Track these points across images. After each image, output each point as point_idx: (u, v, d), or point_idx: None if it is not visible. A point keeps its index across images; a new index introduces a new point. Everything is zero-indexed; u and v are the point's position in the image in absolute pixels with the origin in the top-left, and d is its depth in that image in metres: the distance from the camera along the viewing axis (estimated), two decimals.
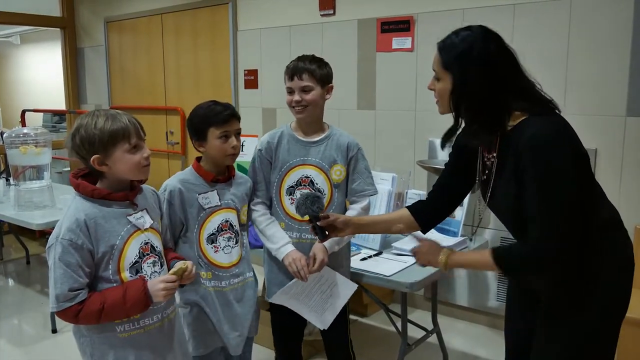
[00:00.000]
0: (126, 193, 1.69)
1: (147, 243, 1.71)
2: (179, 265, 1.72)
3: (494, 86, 1.51)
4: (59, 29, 5.98)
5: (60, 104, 6.37)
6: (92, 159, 1.61)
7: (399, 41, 3.59)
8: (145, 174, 1.70)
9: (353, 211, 2.20)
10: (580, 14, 2.95)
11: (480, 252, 1.59)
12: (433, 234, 2.72)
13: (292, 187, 2.20)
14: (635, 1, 2.79)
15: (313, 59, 2.16)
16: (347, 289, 2.22)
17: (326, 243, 2.10)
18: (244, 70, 4.49)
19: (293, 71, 2.13)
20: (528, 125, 1.50)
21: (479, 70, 1.50)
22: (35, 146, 3.64)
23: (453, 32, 1.58)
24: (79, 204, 1.64)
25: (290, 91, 2.15)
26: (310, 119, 2.17)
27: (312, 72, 2.12)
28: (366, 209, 2.22)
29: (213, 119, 2.04)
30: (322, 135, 2.21)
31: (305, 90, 2.12)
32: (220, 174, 2.12)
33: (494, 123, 1.54)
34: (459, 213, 2.80)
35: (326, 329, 2.24)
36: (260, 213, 2.23)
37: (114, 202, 1.66)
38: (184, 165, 5.03)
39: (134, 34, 5.39)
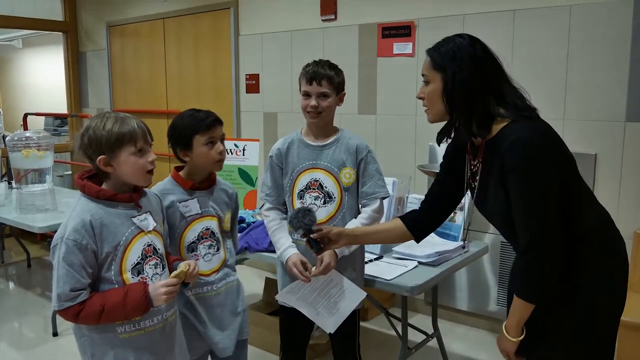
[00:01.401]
0: (131, 195, 1.71)
1: (150, 245, 1.73)
2: (181, 267, 1.73)
3: (481, 82, 1.56)
4: (61, 33, 6.01)
5: (62, 108, 6.39)
6: (98, 159, 1.63)
7: (400, 46, 3.61)
8: (148, 180, 1.72)
9: (364, 214, 2.19)
10: (580, 20, 2.97)
11: (514, 302, 1.59)
12: (434, 238, 2.73)
13: (302, 191, 2.21)
14: (635, 7, 2.81)
15: (330, 65, 2.17)
16: (356, 296, 2.22)
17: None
18: (246, 75, 4.50)
19: (312, 76, 2.12)
20: (511, 130, 1.53)
21: (468, 66, 1.55)
22: (38, 150, 3.65)
23: (444, 39, 1.64)
24: (84, 205, 1.66)
25: (307, 95, 2.14)
26: (322, 123, 2.19)
27: (330, 78, 2.13)
28: (378, 211, 2.21)
29: (197, 126, 1.99)
30: (332, 139, 2.22)
31: (322, 96, 2.13)
32: (200, 182, 2.08)
33: (484, 115, 1.56)
34: (460, 217, 2.80)
35: (332, 332, 2.25)
36: (270, 218, 2.26)
37: (119, 204, 1.69)
38: None
39: (136, 38, 5.41)
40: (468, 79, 1.55)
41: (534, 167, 1.47)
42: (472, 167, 1.70)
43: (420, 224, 1.90)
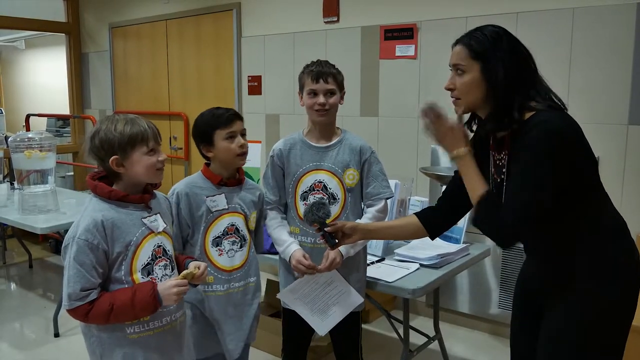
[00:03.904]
0: (141, 196, 1.74)
1: (159, 246, 1.75)
2: (190, 268, 1.75)
3: (520, 72, 1.55)
4: (63, 34, 6.02)
5: (64, 109, 6.41)
6: (110, 159, 1.66)
7: (402, 48, 3.61)
8: (159, 177, 1.76)
9: (368, 214, 2.20)
10: (583, 23, 2.97)
11: (479, 184, 1.59)
12: (435, 241, 2.72)
13: (305, 192, 2.21)
14: (638, 10, 2.81)
15: (329, 64, 2.20)
16: (353, 300, 2.22)
17: (341, 247, 2.08)
18: (248, 77, 4.51)
19: (318, 74, 2.15)
20: (537, 118, 1.51)
21: (509, 55, 1.55)
22: (40, 150, 3.65)
23: (476, 29, 1.62)
24: (96, 205, 1.68)
25: (314, 94, 2.15)
26: (328, 121, 2.20)
27: (335, 76, 2.17)
28: (382, 211, 2.21)
29: (217, 122, 2.07)
30: (335, 140, 2.22)
31: (329, 93, 2.15)
32: (228, 178, 2.14)
33: (521, 105, 1.54)
34: (462, 220, 2.79)
35: (322, 335, 2.25)
36: (270, 217, 2.26)
37: (130, 204, 1.71)
38: (187, 170, 5.04)
39: (138, 39, 5.42)
40: (510, 68, 1.53)
41: (546, 148, 1.45)
42: (496, 162, 1.67)
43: (435, 221, 1.90)
